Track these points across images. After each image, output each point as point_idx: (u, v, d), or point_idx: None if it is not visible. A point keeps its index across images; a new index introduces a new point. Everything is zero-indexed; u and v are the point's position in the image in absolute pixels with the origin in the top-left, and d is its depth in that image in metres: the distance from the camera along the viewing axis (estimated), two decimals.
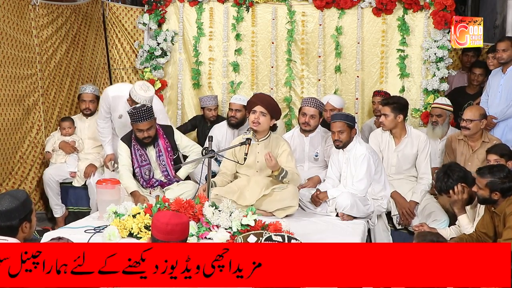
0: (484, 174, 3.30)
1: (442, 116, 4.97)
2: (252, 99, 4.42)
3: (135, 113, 4.28)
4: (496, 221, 3.31)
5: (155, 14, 6.02)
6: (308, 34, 5.96)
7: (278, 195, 4.18)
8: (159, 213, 2.43)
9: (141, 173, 4.48)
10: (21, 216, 2.51)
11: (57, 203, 5.26)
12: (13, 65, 4.99)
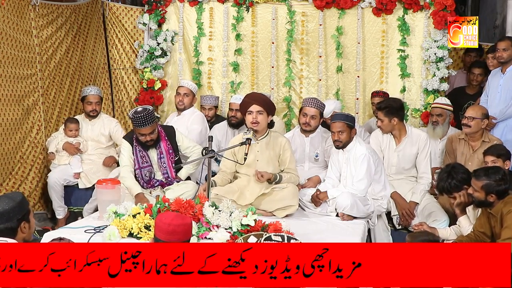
0: (479, 177, 3.29)
1: (443, 115, 4.97)
2: (246, 100, 4.41)
3: (137, 117, 4.26)
4: (493, 221, 3.31)
5: (155, 14, 6.02)
6: (308, 34, 5.96)
7: (278, 195, 4.19)
8: (162, 214, 2.44)
9: (141, 174, 4.47)
10: (19, 217, 2.51)
11: (60, 205, 5.25)
12: (13, 65, 4.99)
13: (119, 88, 6.41)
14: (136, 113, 4.27)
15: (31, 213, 2.62)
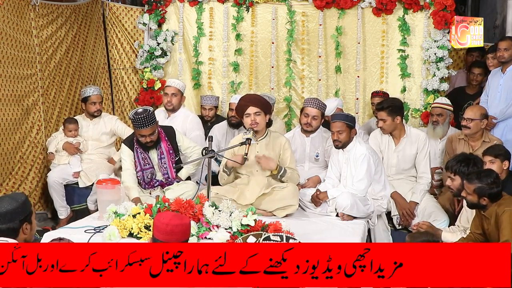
0: (471, 180, 3.29)
1: (443, 115, 4.96)
2: (242, 103, 4.39)
3: (138, 119, 4.25)
4: (486, 224, 3.31)
5: (155, 14, 6.02)
6: (308, 34, 5.96)
7: (278, 194, 4.19)
8: (160, 214, 2.44)
9: (143, 176, 4.47)
10: (21, 218, 2.51)
11: (62, 205, 5.23)
12: (13, 65, 4.99)
13: (119, 88, 6.41)
14: (136, 114, 4.27)
15: (33, 215, 2.62)
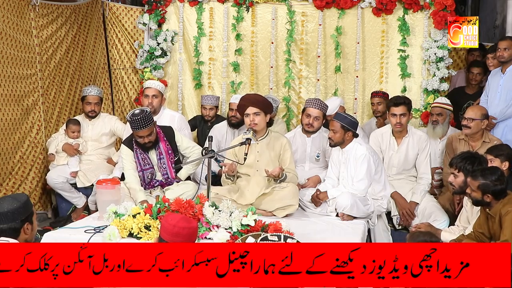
0: (476, 177, 3.30)
1: (443, 115, 4.96)
2: (241, 103, 4.40)
3: (135, 120, 4.23)
4: (491, 222, 3.32)
5: (155, 14, 6.02)
6: (308, 34, 5.96)
7: (278, 194, 4.19)
8: (169, 215, 2.47)
9: (144, 177, 4.46)
10: (22, 217, 2.51)
11: (74, 196, 5.22)
12: (13, 65, 4.99)
13: (119, 88, 6.41)
14: (133, 116, 4.26)
15: (34, 215, 2.62)
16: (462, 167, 3.65)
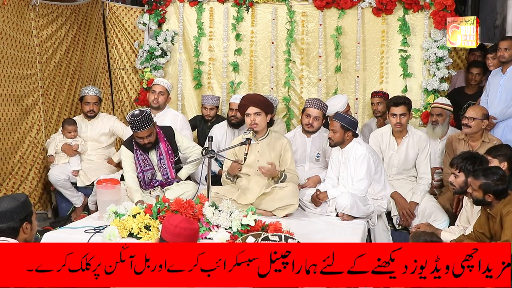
0: (478, 176, 3.30)
1: (443, 115, 4.96)
2: (242, 102, 4.42)
3: (134, 121, 4.24)
4: (491, 222, 3.31)
5: (155, 14, 6.02)
6: (308, 34, 5.96)
7: (278, 194, 4.19)
8: (171, 215, 2.47)
9: (144, 178, 4.46)
10: (21, 217, 2.51)
11: (73, 195, 5.23)
12: (13, 65, 4.99)
13: (119, 88, 6.41)
14: (133, 117, 4.26)
15: (33, 215, 2.62)
16: (463, 167, 3.65)
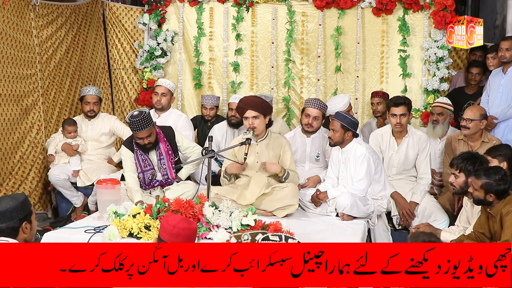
0: (479, 176, 3.30)
1: (443, 115, 4.96)
2: (240, 105, 4.41)
3: (134, 122, 4.23)
4: (491, 222, 3.31)
5: (155, 14, 6.02)
6: (308, 34, 5.96)
7: (278, 194, 4.19)
8: (169, 215, 2.46)
9: (144, 177, 4.46)
10: (21, 216, 2.51)
11: (73, 195, 5.22)
12: (13, 65, 4.99)
13: (119, 88, 6.41)
14: (132, 117, 4.25)
15: (33, 215, 2.62)
16: (463, 167, 3.65)
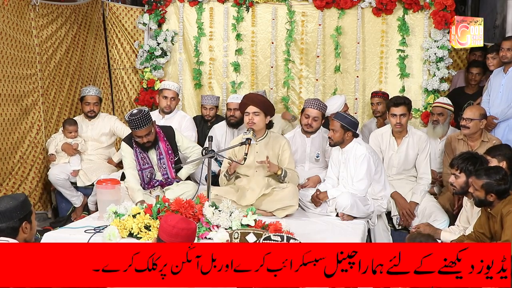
0: (480, 176, 3.30)
1: (444, 115, 4.96)
2: (243, 101, 4.43)
3: (133, 120, 4.25)
4: (492, 222, 3.31)
5: (155, 14, 6.02)
6: (308, 34, 5.96)
7: (278, 195, 4.19)
8: (168, 215, 2.46)
9: (143, 176, 4.47)
10: (20, 216, 2.51)
11: (73, 195, 5.22)
12: (13, 65, 4.99)
13: (119, 88, 6.41)
14: (131, 116, 4.27)
15: (33, 214, 2.62)
16: (464, 167, 3.65)
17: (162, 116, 5.31)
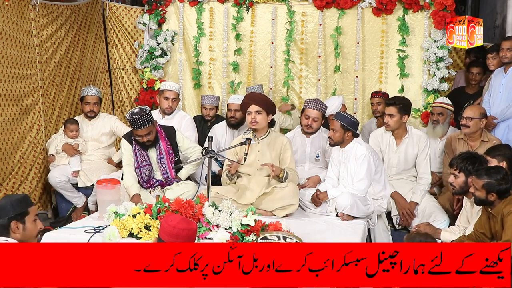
0: (481, 176, 3.30)
1: (444, 114, 4.96)
2: (245, 100, 4.45)
3: (134, 119, 4.26)
4: (492, 222, 3.31)
5: (155, 14, 6.02)
6: (308, 34, 5.96)
7: (278, 194, 4.19)
8: (169, 215, 2.46)
9: (141, 173, 4.48)
10: (10, 215, 2.49)
11: (74, 196, 5.22)
12: (13, 65, 4.99)
13: (119, 88, 6.41)
14: (133, 115, 4.29)
15: (29, 215, 2.59)
16: (463, 167, 3.65)
17: (162, 116, 5.32)
